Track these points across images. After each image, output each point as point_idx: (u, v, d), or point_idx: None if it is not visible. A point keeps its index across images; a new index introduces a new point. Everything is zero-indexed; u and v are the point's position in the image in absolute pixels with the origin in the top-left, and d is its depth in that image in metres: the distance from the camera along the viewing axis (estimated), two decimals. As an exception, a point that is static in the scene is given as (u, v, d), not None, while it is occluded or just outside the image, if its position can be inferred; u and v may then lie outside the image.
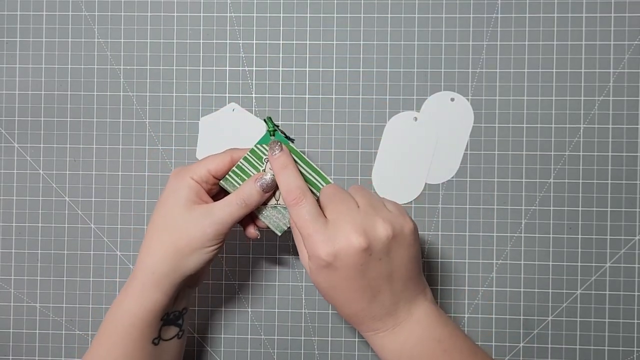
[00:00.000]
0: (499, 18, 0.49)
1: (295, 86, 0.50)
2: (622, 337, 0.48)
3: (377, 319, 0.37)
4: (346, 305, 0.38)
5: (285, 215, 0.41)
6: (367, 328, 0.38)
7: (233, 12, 0.50)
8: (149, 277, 0.38)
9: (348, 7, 0.50)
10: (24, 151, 0.51)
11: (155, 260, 0.38)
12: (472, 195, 0.49)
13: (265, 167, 0.41)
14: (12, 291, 0.51)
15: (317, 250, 0.36)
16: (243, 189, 0.39)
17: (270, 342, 0.50)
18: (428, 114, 0.49)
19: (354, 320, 0.38)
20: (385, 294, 0.37)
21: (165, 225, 0.39)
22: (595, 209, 0.49)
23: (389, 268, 0.37)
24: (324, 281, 0.37)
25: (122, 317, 0.39)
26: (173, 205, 0.39)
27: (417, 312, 0.38)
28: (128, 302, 0.39)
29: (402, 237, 0.37)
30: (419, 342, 0.37)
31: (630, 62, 0.48)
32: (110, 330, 0.39)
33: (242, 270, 0.50)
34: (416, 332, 0.38)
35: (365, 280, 0.36)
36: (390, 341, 0.38)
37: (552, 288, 0.49)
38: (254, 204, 0.39)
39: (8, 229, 0.51)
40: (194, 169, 0.40)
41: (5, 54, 0.51)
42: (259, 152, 0.41)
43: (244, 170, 0.41)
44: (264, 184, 0.39)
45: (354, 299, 0.37)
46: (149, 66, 0.50)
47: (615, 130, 0.49)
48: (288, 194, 0.38)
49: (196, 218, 0.38)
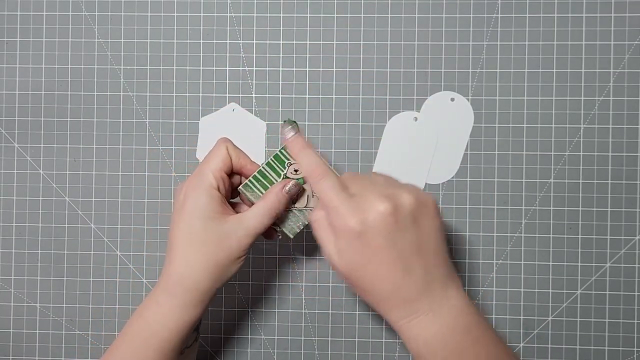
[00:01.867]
0: (499, 18, 0.49)
1: (295, 86, 0.50)
2: (622, 337, 0.48)
3: (411, 300, 0.36)
4: (378, 284, 0.36)
5: (299, 217, 0.41)
6: (400, 314, 0.36)
7: (233, 12, 0.50)
8: (191, 294, 0.38)
9: (348, 7, 0.50)
10: (24, 151, 0.51)
11: (194, 276, 0.38)
12: (472, 195, 0.49)
13: (286, 171, 0.41)
14: (12, 291, 0.51)
15: (345, 221, 0.35)
16: (270, 198, 0.39)
17: (270, 342, 0.50)
18: (428, 114, 0.49)
19: (385, 306, 0.37)
20: (418, 270, 0.36)
21: (198, 239, 0.38)
22: (596, 209, 0.49)
23: (418, 239, 0.36)
24: (354, 259, 0.36)
25: (156, 331, 0.38)
26: (202, 218, 0.38)
27: (453, 295, 0.37)
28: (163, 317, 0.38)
29: (425, 207, 0.37)
30: (457, 328, 0.36)
31: (630, 62, 0.48)
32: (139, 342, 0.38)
33: (242, 270, 0.50)
34: (454, 317, 0.36)
35: (395, 251, 0.35)
36: (425, 328, 0.36)
37: (552, 288, 0.49)
38: (281, 211, 0.40)
39: (8, 229, 0.51)
40: (208, 176, 0.39)
41: (5, 54, 0.51)
42: (282, 156, 0.41)
43: (265, 175, 0.41)
44: (292, 192, 0.40)
45: (386, 274, 0.36)
46: (149, 66, 0.50)
47: (615, 130, 0.49)
48: (312, 170, 0.38)
49: (230, 230, 0.38)
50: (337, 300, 0.50)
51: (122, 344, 0.39)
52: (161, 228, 0.50)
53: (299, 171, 0.41)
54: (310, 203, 0.41)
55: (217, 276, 0.38)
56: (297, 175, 0.41)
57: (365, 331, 0.49)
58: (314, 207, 0.40)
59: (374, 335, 0.49)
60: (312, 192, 0.41)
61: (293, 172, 0.41)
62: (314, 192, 0.40)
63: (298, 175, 0.41)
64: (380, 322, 0.49)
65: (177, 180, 0.50)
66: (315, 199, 0.41)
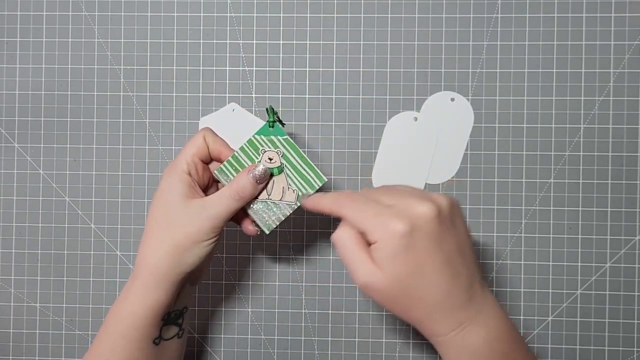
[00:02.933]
0: (499, 18, 0.49)
1: (295, 86, 0.50)
2: (622, 337, 0.48)
3: (460, 307, 0.35)
4: (428, 291, 0.34)
5: (275, 212, 0.41)
6: (450, 325, 0.35)
7: (233, 12, 0.50)
8: (150, 277, 0.38)
9: (348, 7, 0.50)
10: (24, 151, 0.51)
11: (155, 258, 0.38)
12: (472, 195, 0.49)
13: (260, 159, 0.41)
14: (12, 291, 0.51)
15: (392, 226, 0.34)
16: (236, 181, 0.39)
17: (270, 342, 0.50)
18: (428, 114, 0.49)
19: (435, 317, 0.35)
20: (462, 271, 0.35)
21: (162, 222, 0.39)
22: (596, 209, 0.49)
23: (457, 239, 0.36)
24: (400, 267, 0.34)
25: (124, 318, 0.39)
26: (168, 202, 0.39)
27: (490, 297, 0.36)
28: (130, 302, 0.39)
29: (457, 208, 0.37)
30: (501, 334, 0.35)
31: (630, 62, 0.48)
32: (112, 331, 0.39)
33: (242, 270, 0.50)
34: (498, 323, 0.36)
35: (442, 254, 0.34)
36: (474, 337, 0.35)
37: (552, 288, 0.49)
38: (247, 196, 0.39)
39: (8, 229, 0.51)
40: (181, 162, 0.40)
41: (5, 54, 0.51)
42: (257, 143, 0.41)
43: (239, 160, 0.41)
44: (257, 175, 0.39)
45: (437, 279, 0.34)
46: (149, 66, 0.50)
47: (615, 130, 0.49)
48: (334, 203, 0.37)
49: (192, 212, 0.38)
50: (337, 300, 0.50)
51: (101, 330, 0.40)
52: (161, 228, 0.50)
53: (273, 160, 0.41)
54: (287, 196, 0.41)
55: (177, 259, 0.38)
56: (271, 164, 0.41)
57: (365, 331, 0.49)
58: (293, 202, 0.40)
59: (374, 335, 0.49)
60: (287, 184, 0.41)
61: (267, 160, 0.41)
62: (343, 217, 0.37)
63: (273, 164, 0.41)
64: (381, 322, 0.49)
65: (177, 180, 0.50)
66: (291, 192, 0.41)
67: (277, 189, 0.41)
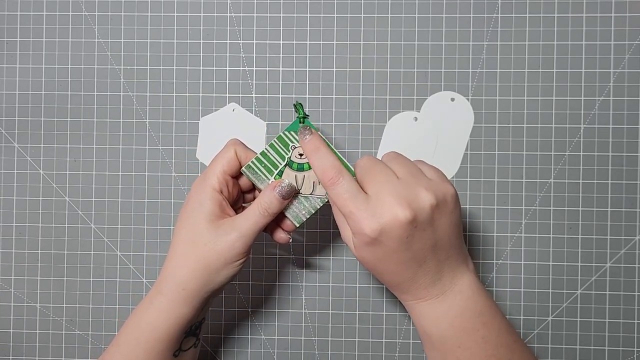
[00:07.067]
0: (499, 18, 0.49)
1: (295, 86, 0.50)
2: (622, 337, 0.48)
3: (421, 288, 0.37)
4: (391, 277, 0.37)
5: (306, 205, 0.41)
6: (410, 297, 0.38)
7: (233, 12, 0.50)
8: (179, 294, 0.38)
9: (348, 7, 0.50)
10: (24, 151, 0.51)
11: (185, 276, 0.38)
12: (472, 195, 0.49)
13: (291, 154, 0.40)
14: (12, 291, 0.51)
15: (361, 228, 0.35)
16: (263, 198, 0.39)
17: (270, 342, 0.50)
18: (428, 114, 0.49)
19: (397, 289, 0.38)
20: (430, 263, 0.37)
21: (192, 240, 0.38)
22: (596, 209, 0.49)
23: (434, 237, 0.36)
24: (369, 256, 0.37)
25: (147, 331, 0.38)
26: (199, 221, 0.38)
27: (460, 282, 0.38)
28: (155, 317, 0.38)
29: (444, 204, 0.36)
30: (460, 312, 0.37)
31: (630, 62, 0.48)
32: (132, 342, 0.39)
33: (242, 270, 0.50)
34: (458, 303, 0.37)
35: (410, 253, 0.36)
36: (431, 310, 0.37)
37: (552, 288, 0.49)
38: (275, 212, 0.39)
39: (8, 229, 0.51)
40: (211, 178, 0.39)
41: (5, 54, 0.51)
42: (286, 139, 0.40)
43: (268, 157, 0.40)
44: (282, 192, 0.39)
45: (400, 271, 0.37)
46: (149, 66, 0.50)
47: (615, 130, 0.49)
48: (324, 174, 0.37)
49: (223, 234, 0.38)
50: (337, 300, 0.50)
51: (116, 342, 0.39)
52: (161, 228, 0.50)
53: (304, 155, 0.40)
54: (317, 190, 0.40)
55: (207, 278, 0.38)
56: (302, 160, 0.40)
57: (365, 331, 0.49)
58: (323, 195, 0.40)
59: (374, 335, 0.49)
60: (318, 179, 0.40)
61: (297, 155, 0.40)
62: (328, 197, 0.39)
63: (303, 160, 0.40)
64: (381, 322, 0.49)
65: (177, 180, 0.50)
66: (321, 186, 0.40)
67: (307, 184, 0.40)
